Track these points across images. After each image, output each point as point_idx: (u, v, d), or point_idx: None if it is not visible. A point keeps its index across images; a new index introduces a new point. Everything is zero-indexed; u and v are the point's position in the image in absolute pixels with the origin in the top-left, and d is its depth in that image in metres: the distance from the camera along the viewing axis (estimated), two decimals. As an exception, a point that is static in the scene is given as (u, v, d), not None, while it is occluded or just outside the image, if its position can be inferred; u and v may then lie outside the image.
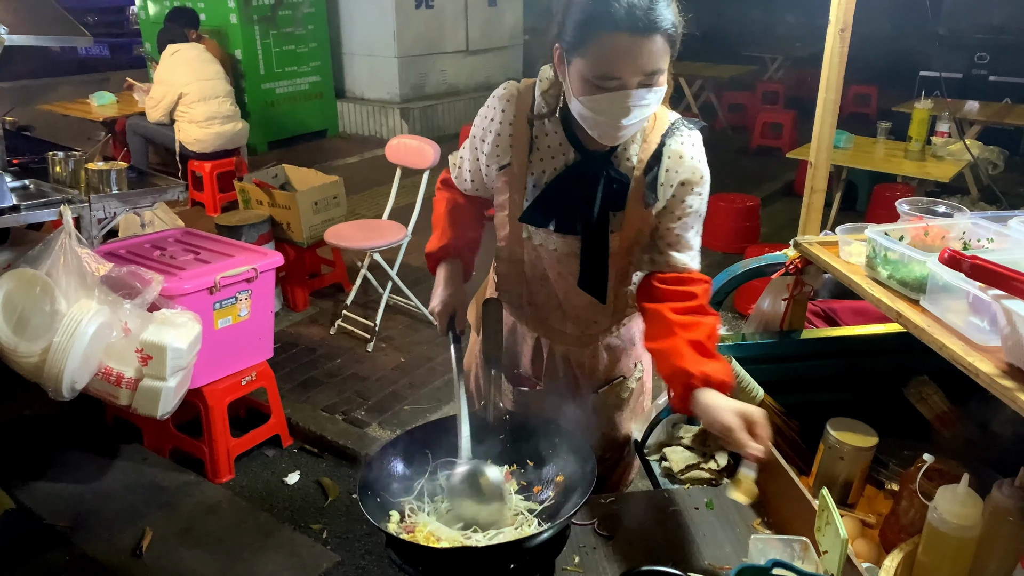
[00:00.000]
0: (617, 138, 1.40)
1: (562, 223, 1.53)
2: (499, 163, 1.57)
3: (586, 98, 1.33)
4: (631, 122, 1.34)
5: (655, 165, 1.49)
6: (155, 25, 6.67)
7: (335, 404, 3.47)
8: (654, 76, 1.31)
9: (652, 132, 1.50)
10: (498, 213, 1.64)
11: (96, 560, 2.62)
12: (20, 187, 2.96)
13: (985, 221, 1.50)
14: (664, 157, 1.48)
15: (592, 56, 1.30)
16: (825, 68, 1.77)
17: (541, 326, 1.72)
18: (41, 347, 2.48)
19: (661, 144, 1.49)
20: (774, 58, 10.37)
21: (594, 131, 1.39)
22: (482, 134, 1.58)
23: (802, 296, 1.85)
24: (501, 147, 1.55)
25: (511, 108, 1.52)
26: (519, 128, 1.52)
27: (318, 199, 4.17)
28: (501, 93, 1.54)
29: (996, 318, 1.20)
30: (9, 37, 2.85)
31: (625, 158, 1.50)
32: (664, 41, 1.29)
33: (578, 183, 1.50)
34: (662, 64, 1.31)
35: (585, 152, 1.50)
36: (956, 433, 1.72)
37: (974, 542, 1.28)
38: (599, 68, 1.30)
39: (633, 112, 1.32)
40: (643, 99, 1.32)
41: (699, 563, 1.44)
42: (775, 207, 6.23)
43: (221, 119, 5.57)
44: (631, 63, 1.28)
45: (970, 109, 6.09)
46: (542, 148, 1.53)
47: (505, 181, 1.57)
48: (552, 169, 1.53)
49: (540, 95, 1.51)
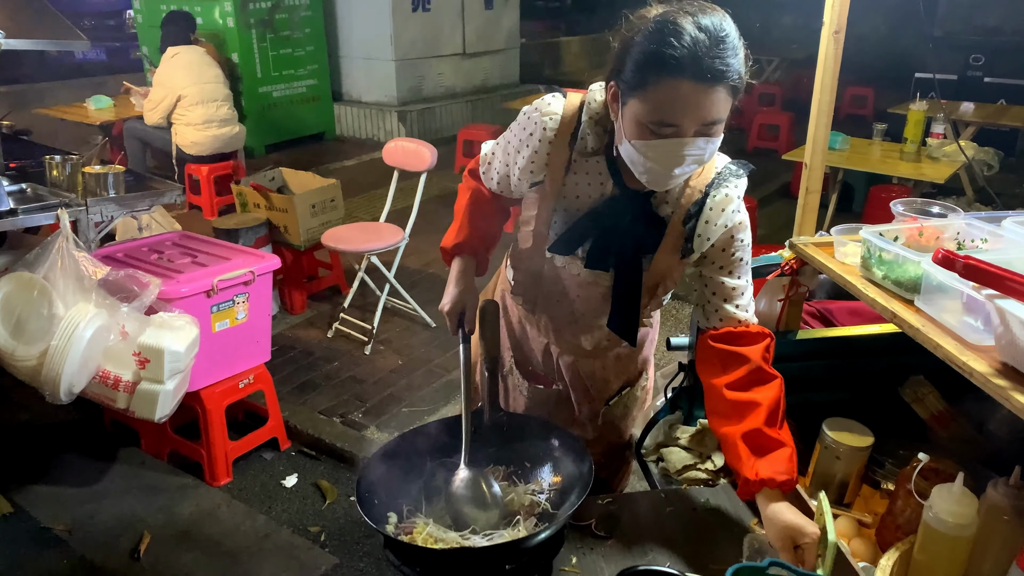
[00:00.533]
0: (667, 185, 1.35)
1: (593, 257, 1.49)
2: (532, 179, 1.51)
3: (639, 142, 1.27)
4: (684, 171, 1.29)
5: (696, 214, 1.43)
6: (152, 29, 6.68)
7: (333, 407, 3.47)
8: (713, 126, 1.25)
9: (698, 178, 1.44)
10: (523, 227, 1.59)
11: (94, 564, 2.62)
12: (17, 191, 2.96)
13: (979, 222, 1.51)
14: (706, 208, 1.42)
15: (651, 101, 1.23)
16: (820, 70, 1.78)
17: (552, 334, 1.69)
18: (39, 350, 2.48)
19: (705, 195, 1.43)
20: (771, 60, 10.40)
21: (643, 176, 1.33)
22: (519, 145, 1.51)
23: (798, 297, 1.86)
24: (537, 164, 1.48)
25: (553, 127, 1.45)
26: (558, 148, 1.46)
27: (315, 202, 4.18)
28: (547, 109, 1.46)
29: (990, 318, 1.20)
30: (7, 41, 2.85)
31: (664, 200, 1.45)
32: (727, 92, 1.24)
33: (613, 219, 1.45)
34: (723, 114, 1.26)
35: (624, 188, 1.44)
36: (952, 433, 1.72)
37: (969, 541, 1.29)
38: (657, 114, 1.24)
39: (687, 161, 1.27)
40: (699, 148, 1.26)
41: (696, 563, 1.45)
42: (772, 209, 6.25)
43: (218, 122, 5.57)
44: (692, 112, 1.22)
45: (965, 110, 6.11)
46: (579, 172, 1.47)
47: (536, 198, 1.53)
48: (587, 196, 1.48)
49: (587, 122, 1.44)
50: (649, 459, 1.83)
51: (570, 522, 1.47)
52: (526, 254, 1.61)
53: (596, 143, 1.44)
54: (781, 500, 1.35)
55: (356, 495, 1.38)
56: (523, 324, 1.75)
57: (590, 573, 1.44)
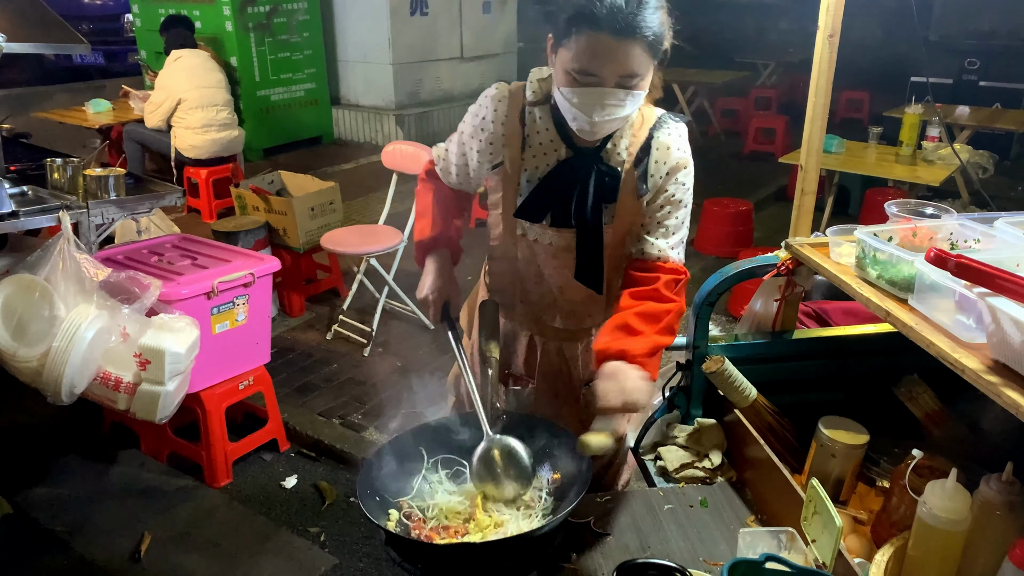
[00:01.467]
0: (593, 133, 1.46)
1: (557, 217, 1.58)
2: (492, 162, 1.61)
3: (567, 89, 1.40)
4: (604, 119, 1.40)
5: (644, 157, 1.55)
6: (150, 33, 6.69)
7: (332, 408, 3.49)
8: (632, 79, 1.38)
9: (641, 128, 1.56)
10: (491, 212, 1.67)
11: (95, 564, 2.63)
12: (18, 193, 2.98)
13: (972, 222, 1.53)
14: (652, 149, 1.54)
15: (574, 50, 1.36)
16: (815, 72, 1.80)
17: (535, 324, 1.75)
18: (40, 352, 2.49)
19: (649, 137, 1.55)
20: (767, 64, 10.44)
21: (572, 123, 1.45)
22: (473, 132, 1.62)
23: (794, 297, 1.88)
24: (495, 145, 1.59)
25: (503, 107, 1.57)
26: (511, 127, 1.57)
27: (314, 205, 4.19)
28: (493, 93, 1.59)
29: (982, 316, 1.22)
30: (7, 45, 2.87)
31: (615, 152, 1.56)
32: (644, 47, 1.35)
33: (570, 178, 1.55)
34: (640, 69, 1.38)
35: (576, 148, 1.55)
36: (945, 431, 1.74)
37: (963, 536, 1.31)
38: (578, 63, 1.36)
39: (607, 109, 1.39)
40: (618, 99, 1.38)
41: (693, 559, 1.47)
42: (768, 212, 6.28)
43: (218, 126, 5.59)
44: (609, 63, 1.35)
45: (961, 114, 6.15)
46: (534, 145, 1.57)
47: (499, 180, 1.61)
48: (545, 165, 1.57)
49: (532, 97, 1.56)
50: (646, 457, 1.84)
51: (569, 519, 1.49)
52: (500, 240, 1.68)
53: (543, 96, 1.55)
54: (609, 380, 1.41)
55: (358, 492, 1.40)
56: (506, 325, 1.79)
57: (589, 569, 1.45)
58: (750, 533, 1.39)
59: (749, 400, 1.74)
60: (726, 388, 1.74)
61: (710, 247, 5.45)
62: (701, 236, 5.55)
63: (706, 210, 5.50)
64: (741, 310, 2.15)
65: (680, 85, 8.56)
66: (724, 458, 1.76)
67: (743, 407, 1.74)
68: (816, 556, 1.31)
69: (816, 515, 1.34)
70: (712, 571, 1.43)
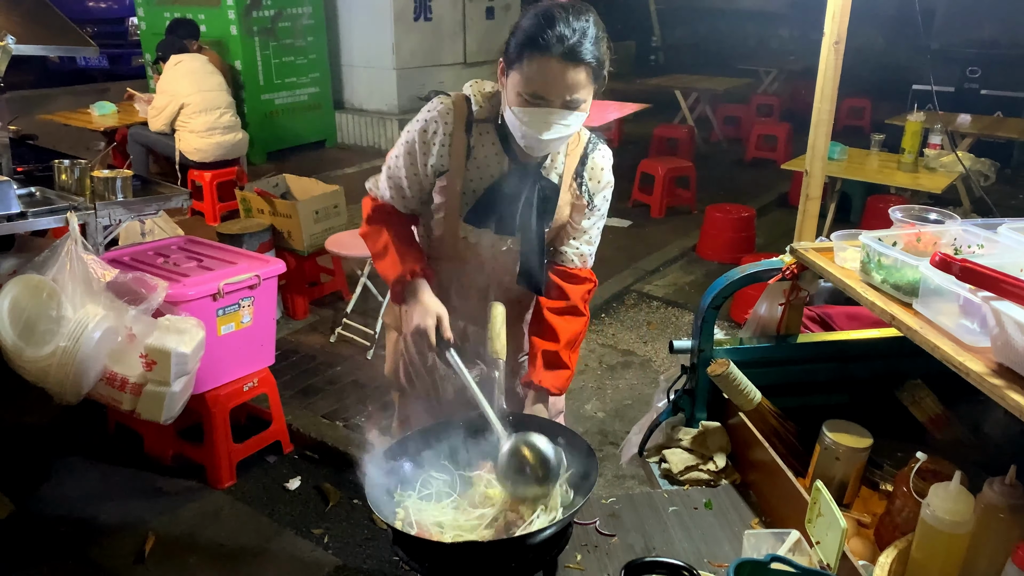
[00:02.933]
0: (539, 149, 1.59)
1: (500, 226, 1.72)
2: (439, 168, 1.71)
3: (518, 109, 1.53)
4: (551, 137, 1.54)
5: (581, 173, 1.74)
6: (155, 36, 6.72)
7: (335, 411, 3.50)
8: (576, 102, 1.52)
9: (577, 146, 1.74)
10: (436, 215, 1.76)
11: (99, 564, 2.64)
12: (26, 194, 2.99)
13: (975, 228, 1.54)
14: (588, 167, 1.74)
15: (526, 74, 1.50)
16: (820, 78, 1.82)
17: (468, 317, 1.84)
18: (47, 352, 2.51)
19: (584, 156, 1.74)
20: (769, 71, 10.47)
21: (521, 140, 1.58)
22: (424, 147, 1.70)
23: (798, 301, 1.89)
24: (443, 155, 1.70)
25: (451, 119, 1.68)
26: (457, 138, 1.68)
27: (319, 208, 4.21)
28: (440, 108, 1.70)
29: (986, 319, 1.23)
30: (17, 47, 2.89)
31: (553, 168, 1.73)
32: (588, 73, 1.51)
33: (513, 190, 1.69)
34: (583, 93, 1.53)
35: (519, 163, 1.68)
36: (948, 435, 1.75)
37: (966, 538, 1.32)
38: (529, 86, 1.50)
39: (554, 128, 1.53)
40: (564, 119, 1.53)
41: (698, 561, 1.48)
42: (770, 218, 6.29)
43: (222, 130, 5.62)
44: (556, 86, 1.49)
45: (962, 122, 6.17)
46: (479, 157, 1.70)
47: (443, 186, 1.72)
48: (489, 176, 1.70)
49: (478, 99, 1.69)
50: (651, 460, 1.86)
51: (575, 520, 1.50)
52: (441, 241, 1.79)
53: (491, 115, 1.69)
54: (539, 403, 1.76)
55: (365, 489, 1.41)
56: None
57: (594, 570, 1.47)
58: (755, 535, 1.40)
59: (753, 403, 1.75)
60: (731, 391, 1.75)
61: (712, 253, 5.46)
62: (703, 242, 5.57)
63: (708, 216, 5.52)
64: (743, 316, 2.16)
65: (682, 91, 8.59)
66: (728, 461, 1.77)
67: (747, 410, 1.75)
68: (820, 558, 1.32)
69: (820, 517, 1.35)
70: (717, 572, 1.45)
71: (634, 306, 4.80)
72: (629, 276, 5.12)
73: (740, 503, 1.66)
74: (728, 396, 1.78)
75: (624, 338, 4.37)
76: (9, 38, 2.88)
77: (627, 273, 5.15)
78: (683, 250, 5.63)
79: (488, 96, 1.70)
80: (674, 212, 6.38)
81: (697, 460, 1.78)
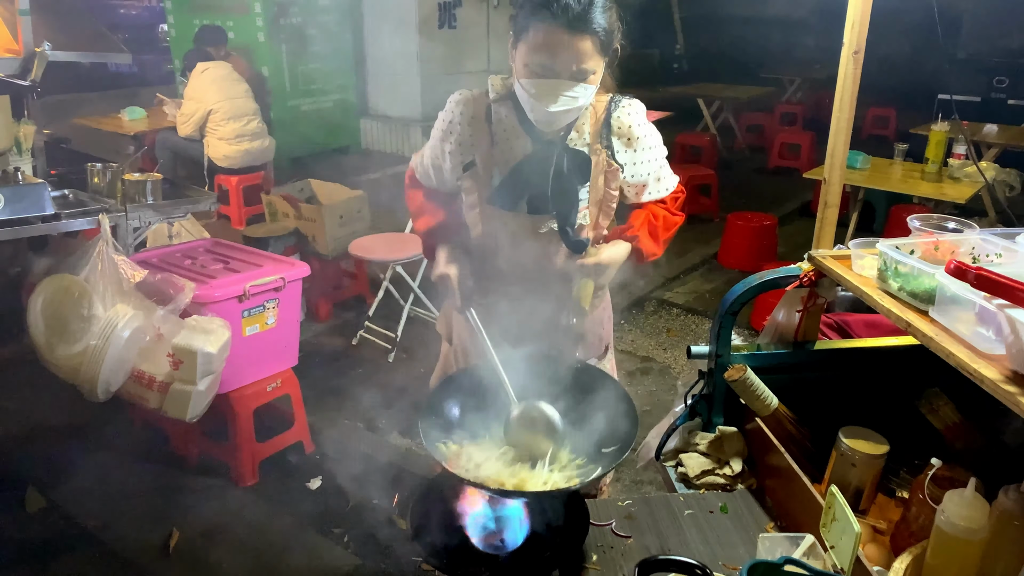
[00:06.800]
0: (548, 123, 1.57)
1: (533, 206, 1.69)
2: (463, 161, 1.70)
3: (525, 80, 1.53)
4: (558, 109, 1.52)
5: (607, 135, 1.69)
6: (185, 43, 6.84)
7: (357, 412, 3.54)
8: (583, 72, 1.51)
9: (598, 113, 1.69)
10: (469, 213, 1.74)
11: (125, 557, 2.69)
12: (60, 196, 3.08)
13: (994, 237, 1.55)
14: (614, 127, 1.69)
15: (531, 43, 1.49)
16: (839, 87, 1.83)
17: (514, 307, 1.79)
18: (78, 350, 2.58)
19: (608, 117, 1.69)
20: (792, 80, 10.43)
21: (531, 114, 1.57)
22: (443, 136, 1.73)
23: (816, 308, 1.90)
24: (464, 146, 1.70)
25: (468, 110, 1.69)
26: (478, 126, 1.69)
27: (343, 212, 4.27)
28: (457, 98, 1.71)
29: (1001, 327, 1.24)
30: (53, 53, 2.97)
31: (580, 139, 1.69)
32: (595, 43, 1.49)
33: (541, 167, 1.66)
34: (591, 63, 1.51)
35: (540, 140, 1.66)
36: (966, 444, 1.75)
37: (981, 545, 1.33)
38: (535, 56, 1.50)
39: (561, 100, 1.51)
40: (571, 90, 1.51)
41: (713, 563, 1.49)
42: (792, 227, 6.27)
43: (250, 136, 5.71)
44: (562, 55, 1.48)
45: (988, 132, 6.11)
46: (501, 142, 1.68)
47: (472, 181, 1.71)
48: (514, 157, 1.69)
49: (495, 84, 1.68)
50: (668, 464, 1.87)
51: (592, 522, 1.53)
52: (480, 238, 1.75)
53: (507, 110, 1.67)
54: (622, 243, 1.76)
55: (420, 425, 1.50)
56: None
57: (610, 570, 1.49)
58: (769, 538, 1.42)
59: (770, 409, 1.76)
60: (748, 397, 1.77)
61: (733, 261, 5.46)
62: (724, 250, 5.56)
63: (730, 224, 5.51)
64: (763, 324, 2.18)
65: (705, 100, 8.59)
66: (744, 466, 1.78)
67: (764, 416, 1.76)
68: (835, 562, 1.34)
69: (835, 521, 1.36)
70: (732, 575, 1.46)
71: (654, 313, 4.81)
72: (649, 283, 5.13)
73: (756, 507, 1.67)
74: (745, 401, 1.79)
75: (643, 345, 4.38)
76: (46, 44, 2.96)
77: (647, 280, 5.16)
78: (704, 258, 5.63)
79: (505, 79, 1.70)
80: (695, 220, 6.38)
81: (714, 464, 1.80)
